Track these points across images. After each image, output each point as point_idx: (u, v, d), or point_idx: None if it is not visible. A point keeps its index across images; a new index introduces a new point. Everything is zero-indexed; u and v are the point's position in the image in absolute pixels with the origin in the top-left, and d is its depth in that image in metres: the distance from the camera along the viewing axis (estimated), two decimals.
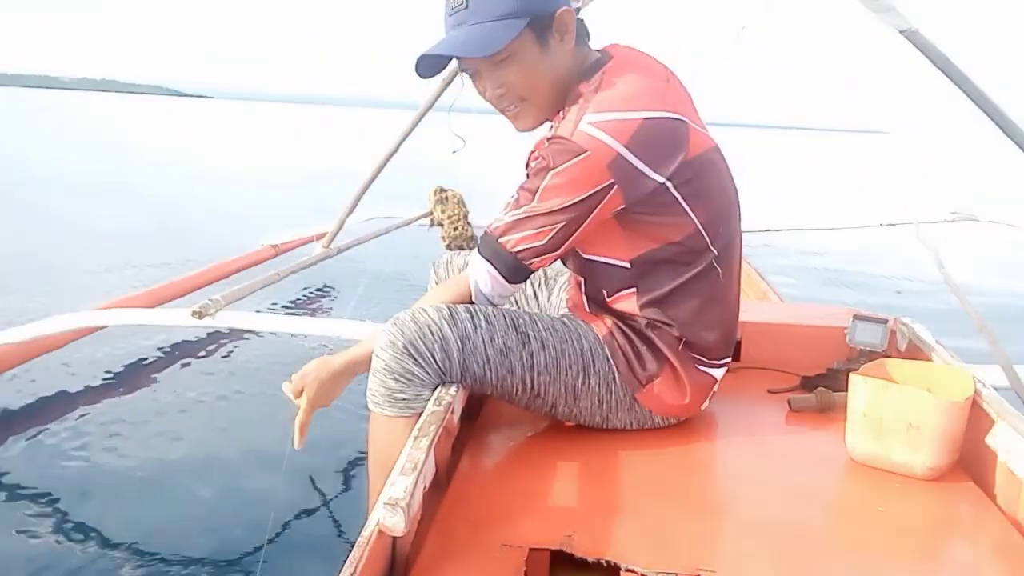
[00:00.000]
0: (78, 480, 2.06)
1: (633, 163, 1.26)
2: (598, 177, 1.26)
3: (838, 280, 5.62)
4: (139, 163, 12.36)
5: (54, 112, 36.61)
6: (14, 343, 2.37)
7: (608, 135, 1.25)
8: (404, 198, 4.36)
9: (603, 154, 1.25)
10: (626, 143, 1.25)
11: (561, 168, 1.27)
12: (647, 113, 1.27)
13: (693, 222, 1.34)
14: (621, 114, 1.26)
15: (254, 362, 3.05)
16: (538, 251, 1.33)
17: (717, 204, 1.37)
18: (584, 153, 1.25)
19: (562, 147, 1.27)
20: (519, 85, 1.34)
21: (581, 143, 1.25)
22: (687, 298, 1.38)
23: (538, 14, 1.29)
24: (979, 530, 1.20)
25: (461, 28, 1.29)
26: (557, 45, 1.33)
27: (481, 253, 1.37)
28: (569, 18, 1.32)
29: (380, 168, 2.84)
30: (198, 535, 1.82)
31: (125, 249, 5.31)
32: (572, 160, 1.26)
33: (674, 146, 1.30)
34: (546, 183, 1.28)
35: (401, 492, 0.95)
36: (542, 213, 1.30)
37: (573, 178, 1.27)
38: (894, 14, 1.64)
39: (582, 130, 1.26)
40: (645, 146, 1.26)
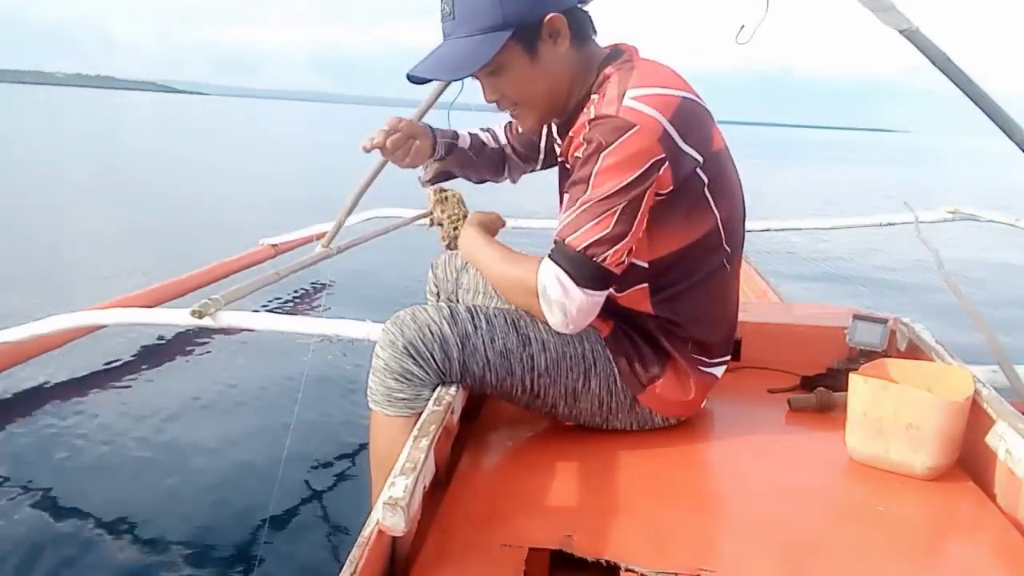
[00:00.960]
0: (77, 479, 2.06)
1: (676, 139, 1.24)
2: (651, 151, 1.22)
3: (838, 279, 5.62)
4: (135, 159, 12.35)
5: (47, 108, 36.58)
6: (13, 342, 2.37)
7: (654, 108, 1.22)
8: (403, 198, 4.36)
9: (652, 128, 1.22)
10: (670, 118, 1.23)
11: (613, 146, 1.21)
12: (684, 93, 1.26)
13: (715, 217, 1.33)
14: (662, 90, 1.24)
15: (253, 362, 3.05)
16: (605, 241, 1.23)
17: (733, 202, 1.37)
18: (634, 127, 1.21)
19: (610, 124, 1.22)
20: (512, 93, 1.34)
21: (629, 118, 1.21)
22: (697, 297, 1.38)
23: (523, 24, 1.27)
24: (979, 530, 1.20)
25: (447, 41, 1.29)
26: (549, 50, 1.30)
27: (552, 258, 1.27)
28: (559, 23, 1.28)
29: (380, 168, 2.84)
30: (198, 534, 1.82)
31: (119, 246, 5.31)
32: (623, 136, 1.21)
33: (704, 133, 1.29)
34: (599, 166, 1.22)
35: (401, 492, 0.95)
36: (600, 199, 1.22)
37: (627, 155, 1.21)
38: (894, 13, 1.64)
39: (628, 105, 1.22)
40: (685, 124, 1.25)
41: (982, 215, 4.14)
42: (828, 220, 4.63)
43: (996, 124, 1.69)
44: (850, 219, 4.58)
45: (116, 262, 4.80)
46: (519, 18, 1.25)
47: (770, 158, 26.26)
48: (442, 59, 1.28)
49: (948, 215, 4.14)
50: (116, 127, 24.76)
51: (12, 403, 2.51)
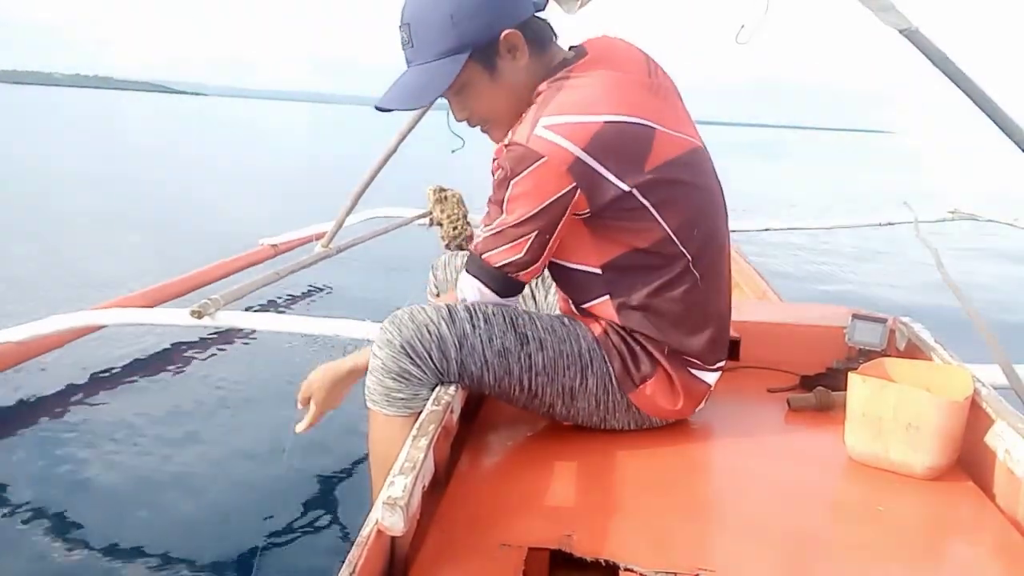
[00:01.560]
0: (76, 479, 2.06)
1: (594, 167, 1.24)
2: (559, 182, 1.24)
3: (837, 279, 5.62)
4: (135, 161, 12.34)
5: (46, 109, 36.56)
6: (13, 342, 2.37)
7: (565, 138, 1.23)
8: (403, 198, 4.36)
9: (560, 158, 1.23)
10: (584, 147, 1.23)
11: (520, 176, 1.25)
12: (608, 117, 1.24)
13: (663, 228, 1.31)
14: (579, 117, 1.24)
15: (253, 361, 3.05)
16: (520, 264, 1.32)
17: (690, 209, 1.34)
18: (541, 159, 1.23)
19: (519, 153, 1.25)
20: (478, 110, 1.38)
21: (537, 148, 1.23)
22: (663, 305, 1.36)
23: (479, 44, 1.29)
24: (978, 529, 1.20)
25: (410, 68, 1.33)
26: (509, 65, 1.32)
27: (468, 270, 1.37)
28: (515, 38, 1.30)
29: (379, 168, 2.84)
30: (197, 534, 1.82)
31: (118, 246, 5.31)
32: (530, 167, 1.24)
33: (637, 152, 1.27)
34: (509, 193, 1.27)
35: (400, 492, 0.95)
36: (512, 225, 1.28)
37: (534, 185, 1.25)
38: (893, 13, 1.63)
39: (537, 135, 1.23)
40: (605, 150, 1.24)
41: (982, 215, 4.15)
42: (828, 220, 4.64)
43: (996, 124, 1.69)
44: (850, 219, 4.59)
45: (115, 262, 4.81)
46: (475, 38, 1.28)
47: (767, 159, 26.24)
48: (405, 87, 1.33)
49: (948, 215, 4.15)
50: (116, 129, 24.75)
51: (12, 404, 2.50)
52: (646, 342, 1.39)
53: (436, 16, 1.28)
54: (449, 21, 1.27)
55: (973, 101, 1.68)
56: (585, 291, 1.40)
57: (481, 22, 1.28)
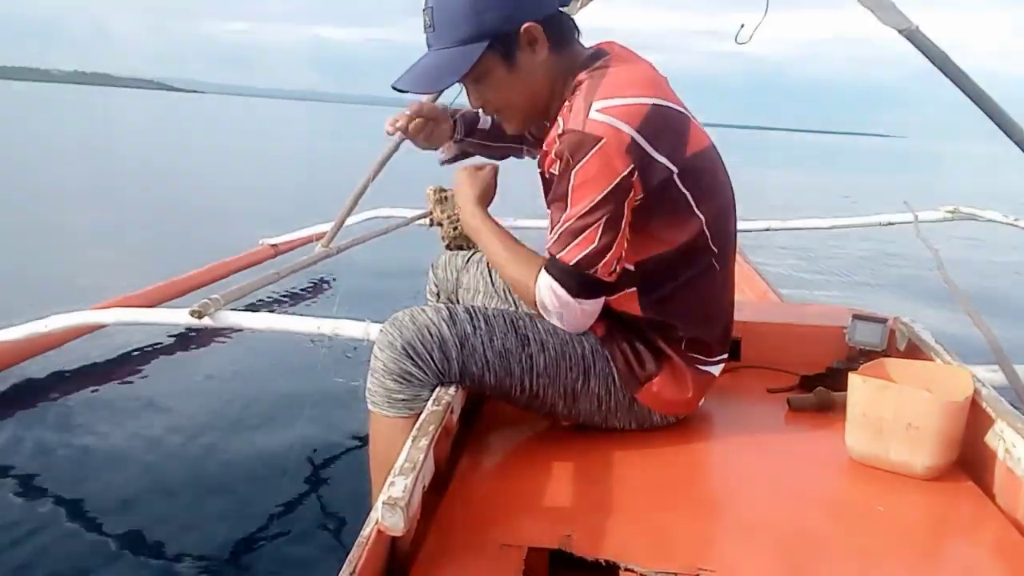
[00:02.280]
0: (77, 479, 2.06)
1: (645, 148, 1.25)
2: (620, 163, 1.24)
3: (837, 279, 5.62)
4: (135, 160, 12.34)
5: (45, 106, 36.54)
6: (12, 341, 2.37)
7: (619, 120, 1.24)
8: (403, 198, 4.36)
9: (619, 140, 1.23)
10: (637, 127, 1.24)
11: (582, 163, 1.24)
12: (654, 100, 1.27)
13: (699, 219, 1.33)
14: (629, 99, 1.25)
15: (253, 362, 3.05)
16: (595, 254, 1.27)
17: (719, 202, 1.37)
18: (600, 141, 1.23)
19: (577, 139, 1.24)
20: (494, 100, 1.38)
21: (594, 132, 1.23)
22: (687, 297, 1.38)
23: (499, 34, 1.29)
24: (978, 529, 1.20)
25: (429, 52, 1.33)
26: (528, 58, 1.32)
27: (550, 272, 1.32)
28: (536, 31, 1.30)
29: (379, 168, 2.84)
30: (197, 533, 1.82)
31: (115, 246, 5.31)
32: (590, 152, 1.23)
33: (679, 136, 1.30)
34: (573, 183, 1.26)
35: (400, 492, 0.95)
36: (580, 215, 1.26)
37: (597, 170, 1.24)
38: (894, 13, 1.64)
39: (593, 118, 1.24)
40: (655, 131, 1.26)
41: (982, 215, 4.14)
42: (828, 220, 4.63)
43: (996, 124, 1.69)
44: (850, 219, 4.58)
45: (112, 262, 4.80)
46: (496, 28, 1.28)
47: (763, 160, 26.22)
48: (424, 71, 1.32)
49: (948, 215, 4.14)
50: (115, 127, 24.74)
51: (11, 402, 2.50)
52: (660, 336, 1.39)
53: (459, 3, 1.28)
54: (471, 9, 1.27)
55: (973, 101, 1.68)
56: (612, 286, 1.37)
57: (503, 13, 1.28)
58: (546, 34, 1.32)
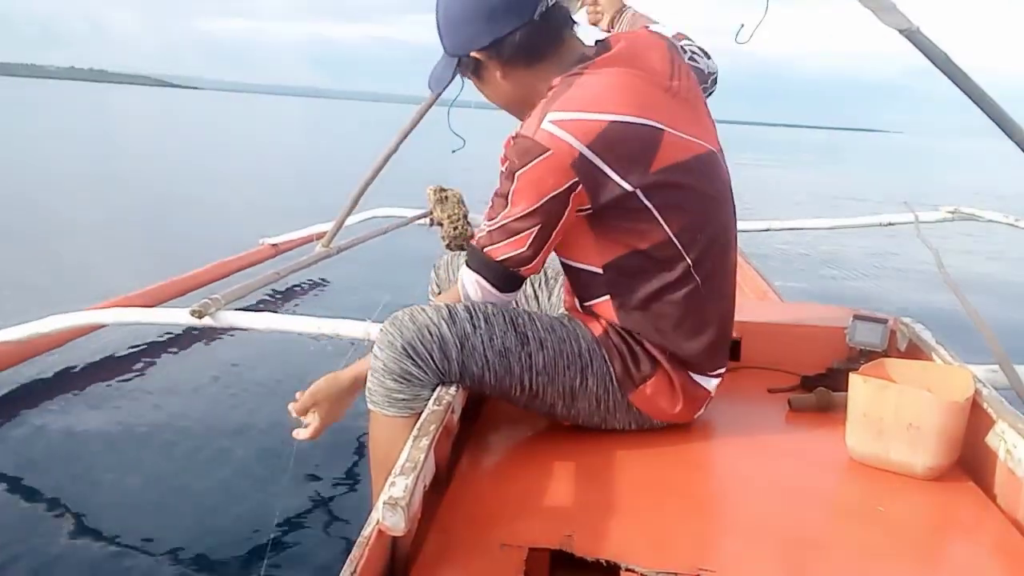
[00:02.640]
0: (76, 479, 2.06)
1: (597, 165, 1.25)
2: (562, 176, 1.25)
3: (838, 279, 5.62)
4: (133, 158, 12.33)
5: (41, 102, 36.52)
6: (12, 341, 2.37)
7: (570, 134, 1.24)
8: (404, 198, 4.36)
9: (565, 153, 1.24)
10: (588, 144, 1.24)
11: (525, 169, 1.26)
12: (614, 116, 1.26)
13: (664, 230, 1.31)
14: (585, 114, 1.25)
15: (253, 362, 3.05)
16: (521, 259, 1.32)
17: (695, 213, 1.34)
18: (546, 152, 1.24)
19: (525, 146, 1.26)
20: (491, 98, 1.46)
21: (542, 141, 1.25)
22: (663, 308, 1.36)
23: (459, 55, 1.38)
24: (979, 530, 1.20)
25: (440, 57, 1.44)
26: (491, 76, 1.39)
27: (469, 265, 1.38)
28: (481, 57, 1.36)
29: (380, 167, 2.84)
30: (198, 534, 1.82)
31: (113, 245, 5.31)
32: (534, 160, 1.25)
33: (642, 153, 1.27)
34: (514, 186, 1.28)
35: (401, 492, 0.95)
36: (516, 219, 1.29)
37: (538, 178, 1.26)
38: (894, 13, 1.63)
39: (544, 128, 1.25)
40: (609, 149, 1.25)
41: (982, 215, 4.14)
42: (828, 220, 4.63)
43: (997, 124, 1.69)
44: (850, 219, 4.58)
45: (109, 262, 4.80)
46: (455, 51, 1.39)
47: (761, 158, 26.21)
48: (432, 72, 1.46)
49: (948, 215, 4.14)
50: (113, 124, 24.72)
51: (11, 403, 2.50)
52: (645, 343, 1.39)
53: (445, 16, 1.39)
54: (443, 29, 1.39)
55: (974, 101, 1.68)
56: (588, 290, 1.41)
57: (457, 39, 1.38)
58: (499, 58, 1.36)
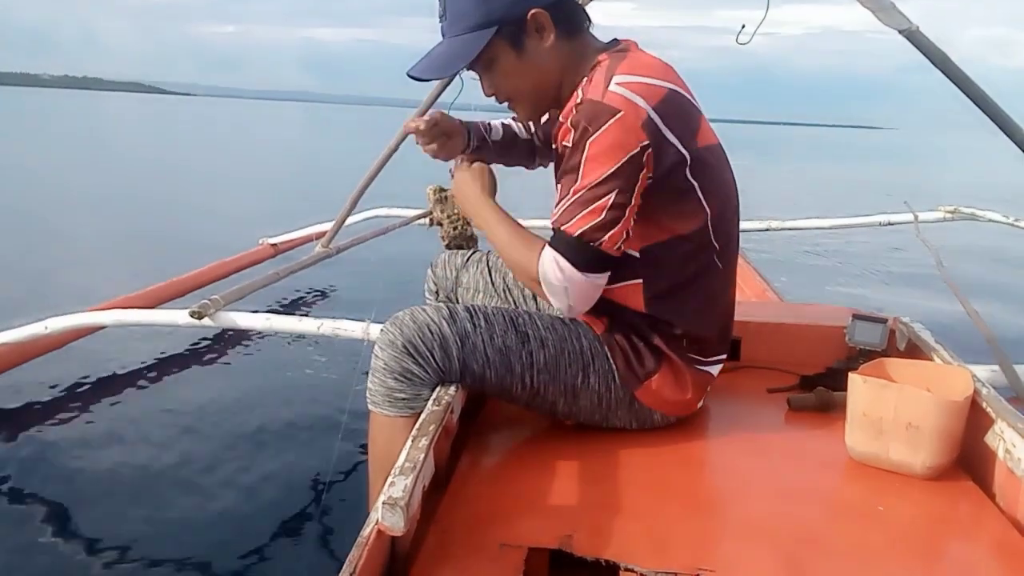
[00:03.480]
0: (75, 479, 2.06)
1: (660, 128, 1.26)
2: (636, 137, 1.24)
3: (837, 279, 5.62)
4: (130, 166, 12.32)
5: (35, 111, 36.44)
6: (12, 343, 2.37)
7: (638, 95, 1.25)
8: (403, 198, 4.36)
9: (636, 114, 1.24)
10: (655, 106, 1.25)
11: (598, 134, 1.24)
12: (672, 86, 1.29)
13: (705, 213, 1.34)
14: (649, 79, 1.27)
15: (253, 362, 3.05)
16: (601, 226, 1.26)
17: (723, 200, 1.38)
18: (618, 113, 1.24)
19: (595, 110, 1.25)
20: (504, 88, 1.39)
21: (613, 103, 1.24)
22: (690, 294, 1.38)
23: (506, 20, 1.31)
24: (978, 529, 1.20)
25: (443, 41, 1.36)
26: (536, 45, 1.34)
27: (553, 246, 1.30)
28: (543, 18, 1.32)
29: (379, 167, 2.84)
30: (197, 533, 1.82)
31: (109, 250, 5.31)
32: (608, 123, 1.24)
33: (691, 125, 1.32)
34: (587, 153, 1.25)
35: (400, 492, 0.95)
36: (591, 186, 1.25)
37: (612, 141, 1.24)
38: (894, 13, 1.64)
39: (613, 90, 1.25)
40: (670, 114, 1.27)
41: (982, 215, 4.14)
42: (828, 220, 4.63)
43: (996, 124, 1.69)
44: (850, 219, 4.58)
45: (106, 264, 4.80)
46: (502, 15, 1.31)
47: (757, 155, 26.19)
48: (436, 58, 1.35)
49: (948, 215, 4.14)
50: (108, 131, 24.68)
51: (11, 404, 2.50)
52: (659, 333, 1.39)
53: None
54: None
55: (973, 101, 1.68)
56: (617, 272, 1.35)
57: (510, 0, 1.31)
58: (554, 21, 1.33)
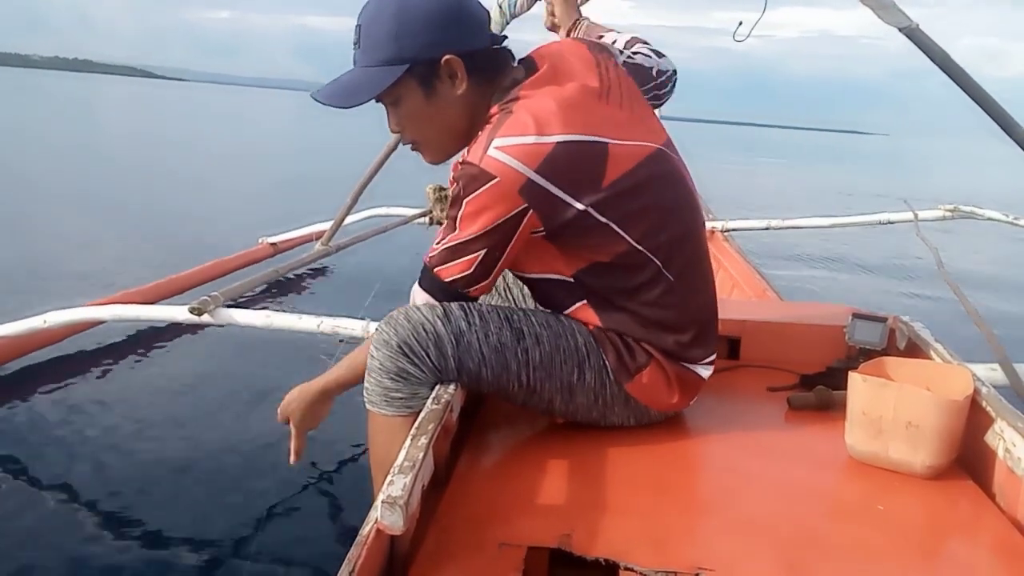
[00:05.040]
0: (73, 477, 2.06)
1: (547, 188, 1.25)
2: (510, 203, 1.25)
3: (837, 278, 5.62)
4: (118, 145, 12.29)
5: (24, 91, 36.29)
6: (11, 336, 2.37)
7: (517, 160, 1.24)
8: (403, 197, 4.36)
9: (512, 180, 1.24)
10: (536, 168, 1.24)
11: (472, 196, 1.26)
12: (560, 137, 1.25)
13: (625, 241, 1.31)
14: (531, 138, 1.24)
15: (251, 359, 3.05)
16: (470, 280, 1.32)
17: (656, 213, 1.34)
18: (493, 180, 1.24)
19: (472, 173, 1.25)
20: (409, 128, 1.39)
21: (489, 169, 1.24)
22: (642, 308, 1.36)
23: (419, 61, 1.30)
24: (978, 529, 1.20)
25: (353, 69, 1.35)
26: (446, 90, 1.33)
27: (421, 285, 1.36)
28: (456, 65, 1.31)
29: (379, 166, 2.84)
30: (196, 532, 1.82)
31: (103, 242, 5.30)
32: (482, 187, 1.25)
33: (592, 171, 1.28)
34: (461, 212, 1.28)
35: (399, 491, 0.95)
36: (464, 242, 1.29)
37: (485, 205, 1.25)
38: (894, 11, 1.63)
39: (490, 155, 1.24)
40: (559, 172, 1.25)
41: (981, 213, 4.15)
42: (827, 219, 4.63)
43: (997, 124, 1.69)
44: (849, 217, 4.58)
45: (100, 257, 4.80)
46: (415, 54, 1.30)
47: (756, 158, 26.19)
48: (342, 86, 1.34)
49: (947, 213, 4.14)
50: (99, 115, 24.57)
51: (8, 397, 2.50)
52: (634, 337, 1.39)
53: (383, 24, 1.30)
54: (395, 32, 1.29)
55: (974, 100, 1.68)
56: (562, 298, 1.39)
57: (425, 40, 1.29)
58: (468, 69, 1.32)
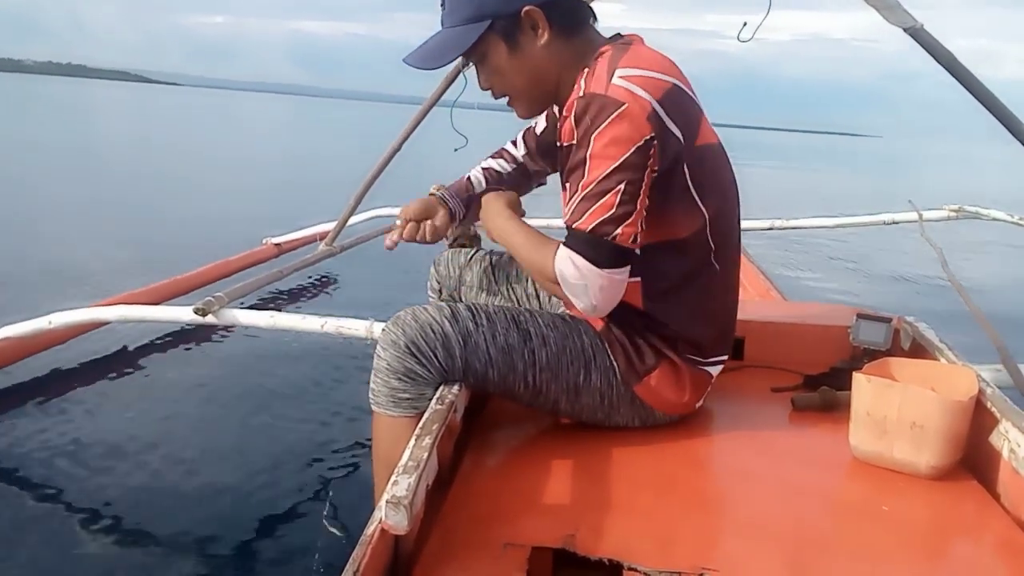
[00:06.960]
0: (77, 476, 2.06)
1: (664, 119, 1.25)
2: (641, 130, 1.22)
3: (841, 278, 5.61)
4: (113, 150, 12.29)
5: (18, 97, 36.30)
6: (16, 337, 2.38)
7: (642, 89, 1.23)
8: (406, 197, 4.35)
9: (641, 107, 1.23)
10: (659, 99, 1.24)
11: (602, 127, 1.22)
12: (675, 81, 1.29)
13: (702, 215, 1.33)
14: (652, 73, 1.26)
15: (255, 360, 3.05)
16: (615, 219, 1.23)
17: (720, 201, 1.37)
18: (622, 106, 1.22)
19: (598, 103, 1.23)
20: (497, 83, 1.39)
21: (617, 96, 1.22)
22: (687, 294, 1.38)
23: (500, 15, 1.31)
24: (983, 529, 1.20)
25: (439, 31, 1.36)
26: (530, 42, 1.33)
27: (564, 242, 1.29)
28: (537, 15, 1.31)
29: (383, 166, 2.84)
30: (199, 532, 1.82)
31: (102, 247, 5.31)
32: (612, 115, 1.22)
33: (692, 124, 1.31)
34: (592, 149, 1.23)
35: (404, 491, 0.95)
36: (599, 180, 1.22)
37: (617, 134, 1.22)
38: (899, 11, 1.63)
39: (616, 83, 1.23)
40: (673, 108, 1.26)
41: (986, 213, 4.13)
42: (831, 219, 4.61)
43: (1001, 123, 1.68)
44: (854, 218, 4.56)
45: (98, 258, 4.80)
46: (495, 9, 1.31)
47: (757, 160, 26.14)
48: (429, 48, 1.36)
49: (952, 213, 4.12)
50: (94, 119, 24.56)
51: (14, 398, 2.51)
52: (656, 332, 1.39)
53: None
54: None
55: (979, 100, 1.67)
56: None
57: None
58: (549, 19, 1.32)
